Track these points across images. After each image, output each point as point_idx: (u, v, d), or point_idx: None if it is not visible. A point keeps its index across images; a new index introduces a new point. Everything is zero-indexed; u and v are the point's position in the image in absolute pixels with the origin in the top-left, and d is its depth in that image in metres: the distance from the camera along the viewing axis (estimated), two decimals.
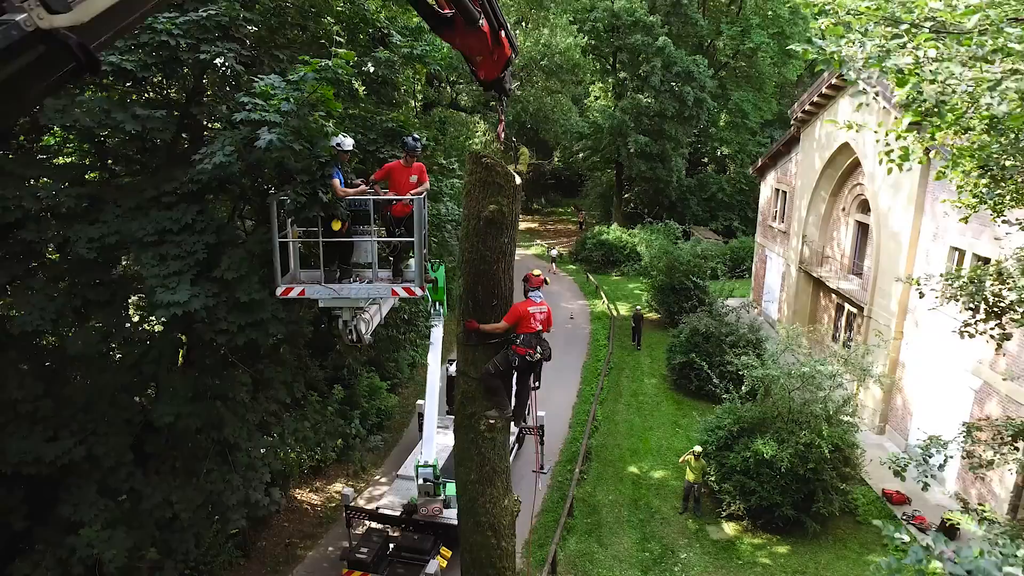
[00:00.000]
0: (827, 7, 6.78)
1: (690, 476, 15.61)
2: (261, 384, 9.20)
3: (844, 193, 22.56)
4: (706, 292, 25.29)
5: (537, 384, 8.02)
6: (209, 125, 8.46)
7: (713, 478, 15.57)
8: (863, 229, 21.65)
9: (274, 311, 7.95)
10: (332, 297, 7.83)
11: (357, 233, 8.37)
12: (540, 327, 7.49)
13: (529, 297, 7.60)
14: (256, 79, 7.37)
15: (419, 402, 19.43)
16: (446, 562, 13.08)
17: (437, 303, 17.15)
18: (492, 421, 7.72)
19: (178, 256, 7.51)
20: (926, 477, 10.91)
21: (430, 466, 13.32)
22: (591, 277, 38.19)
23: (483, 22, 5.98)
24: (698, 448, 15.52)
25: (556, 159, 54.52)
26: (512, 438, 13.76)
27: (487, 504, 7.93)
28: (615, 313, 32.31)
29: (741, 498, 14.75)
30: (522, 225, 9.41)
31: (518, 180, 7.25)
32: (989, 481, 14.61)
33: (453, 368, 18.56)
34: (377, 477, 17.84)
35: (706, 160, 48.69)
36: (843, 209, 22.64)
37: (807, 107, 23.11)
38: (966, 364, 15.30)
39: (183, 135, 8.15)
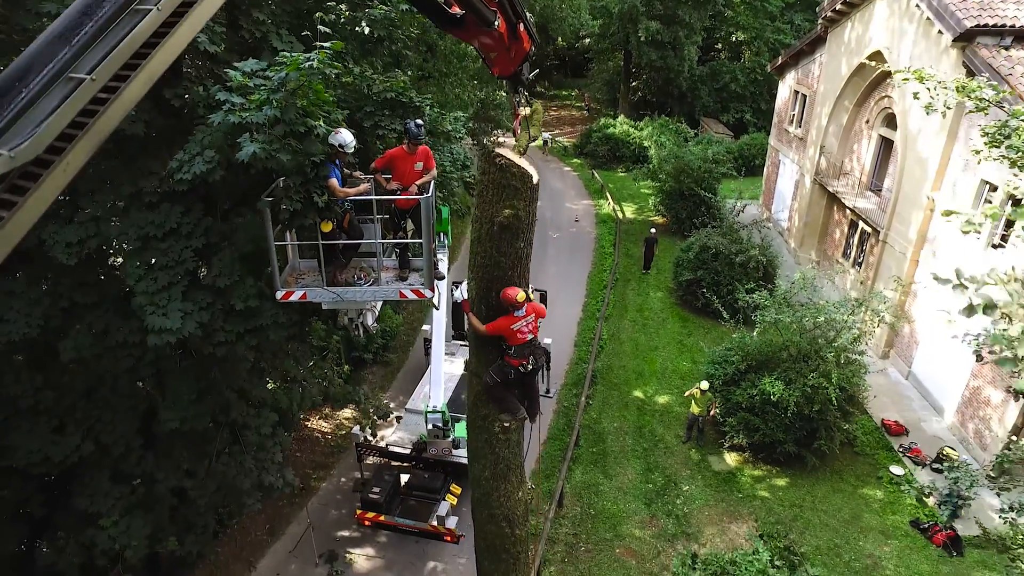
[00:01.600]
0: None
1: (695, 409, 15.81)
2: (265, 356, 8.92)
3: (870, 104, 21.22)
4: (717, 208, 24.48)
5: (547, 389, 7.62)
6: (185, 111, 7.53)
7: (718, 411, 15.78)
8: (886, 145, 20.57)
9: (274, 316, 7.51)
10: (336, 300, 7.36)
11: (361, 223, 7.73)
12: (532, 335, 7.05)
13: (513, 314, 6.99)
14: (229, 68, 6.41)
15: (424, 327, 19.38)
16: (456, 499, 13.50)
17: (442, 234, 16.59)
18: (507, 424, 7.52)
19: (165, 266, 6.93)
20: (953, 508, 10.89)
21: (439, 412, 13.40)
22: (596, 174, 37.05)
23: (499, 22, 5.10)
24: (704, 384, 15.60)
25: (560, 40, 51.15)
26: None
27: (501, 498, 7.92)
28: (621, 216, 31.63)
29: (745, 434, 15.02)
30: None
31: (535, 179, 6.55)
32: (988, 418, 14.82)
33: (458, 293, 18.33)
34: (385, 401, 18.10)
35: (719, 47, 45.69)
36: (867, 121, 21.40)
37: (839, 6, 21.17)
38: (981, 300, 15.00)
39: (156, 120, 7.28)
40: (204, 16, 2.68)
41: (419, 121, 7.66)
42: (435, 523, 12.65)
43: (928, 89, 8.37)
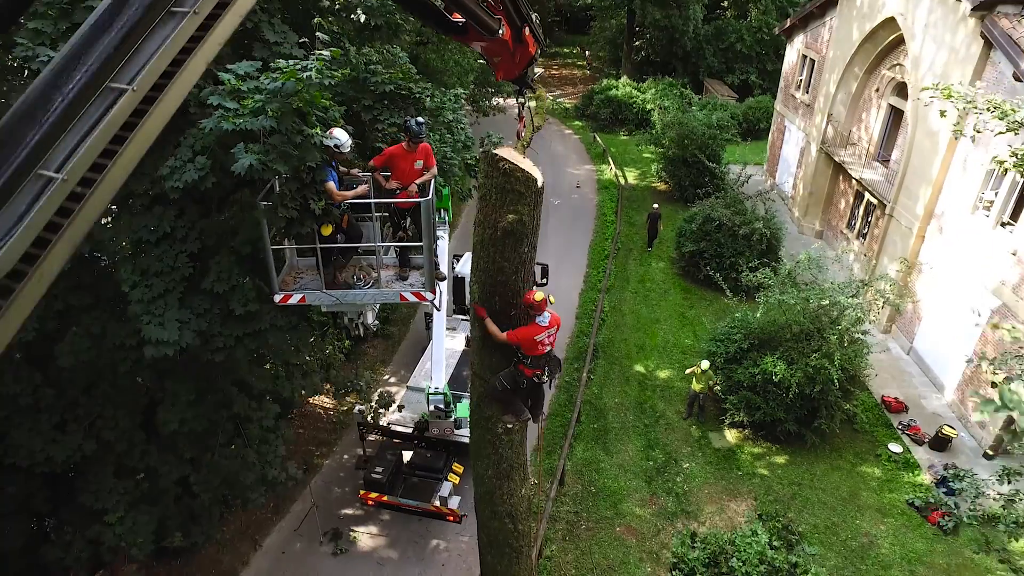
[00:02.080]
0: None
1: (696, 386, 15.84)
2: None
3: (881, 71, 20.67)
4: (721, 178, 24.10)
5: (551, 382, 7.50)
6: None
7: (718, 388, 15.80)
8: (896, 115, 20.12)
9: (273, 319, 7.35)
10: (335, 303, 7.20)
11: (359, 220, 7.51)
12: (550, 347, 6.93)
13: (536, 322, 6.87)
14: (219, 66, 6.09)
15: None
16: (458, 478, 13.59)
17: (442, 210, 16.34)
18: (510, 426, 7.48)
19: (160, 272, 6.72)
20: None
21: (441, 393, 13.39)
22: (598, 137, 36.43)
23: (503, 30, 4.83)
24: (705, 364, 15.58)
25: None
26: None
27: (504, 496, 7.94)
28: (623, 182, 31.22)
29: (746, 412, 15.07)
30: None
31: (540, 182, 6.32)
32: (988, 397, 14.82)
33: (459, 266, 18.16)
34: (387, 377, 18.14)
35: (725, 4, 44.34)
36: (876, 90, 20.89)
37: None
38: (987, 282, 14.90)
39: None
40: (181, 94, 2.45)
41: (420, 119, 7.38)
42: (438, 503, 12.76)
43: (957, 109, 8.04)
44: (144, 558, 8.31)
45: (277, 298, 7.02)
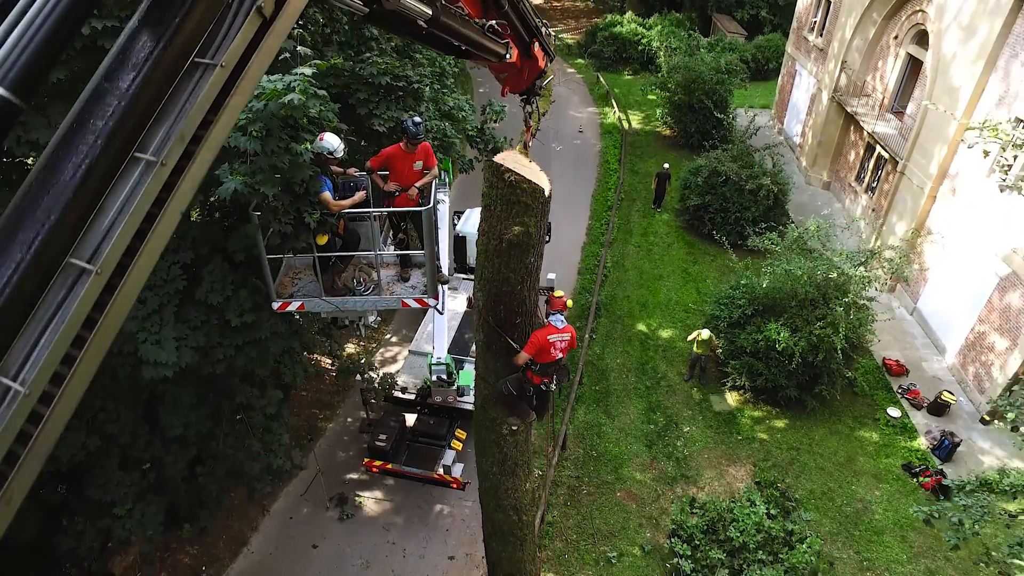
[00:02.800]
0: None
1: (697, 350, 15.82)
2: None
3: (900, 18, 19.69)
4: (729, 128, 23.38)
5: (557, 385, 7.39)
6: None
7: (720, 351, 15.78)
8: (914, 65, 19.30)
9: (272, 327, 7.12)
10: (335, 310, 6.96)
11: (357, 221, 7.18)
12: (561, 355, 6.77)
13: (550, 322, 6.71)
14: None
15: None
16: (461, 444, 13.73)
17: (443, 171, 15.87)
18: (515, 427, 7.42)
19: (153, 286, 6.42)
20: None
21: (443, 364, 13.34)
22: (601, 78, 35.20)
23: (511, 54, 4.45)
24: (705, 332, 15.51)
25: None
26: None
27: (509, 491, 7.98)
28: (627, 126, 30.37)
29: (748, 378, 15.11)
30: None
31: (547, 190, 6.01)
32: (989, 364, 14.88)
33: (460, 224, 17.81)
34: (388, 336, 18.09)
35: None
36: (895, 37, 19.96)
37: None
38: (998, 249, 14.64)
39: None
40: (147, 271, 2.14)
41: (417, 119, 6.93)
42: (441, 471, 12.93)
43: (1003, 148, 7.54)
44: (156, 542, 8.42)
45: (275, 305, 6.80)
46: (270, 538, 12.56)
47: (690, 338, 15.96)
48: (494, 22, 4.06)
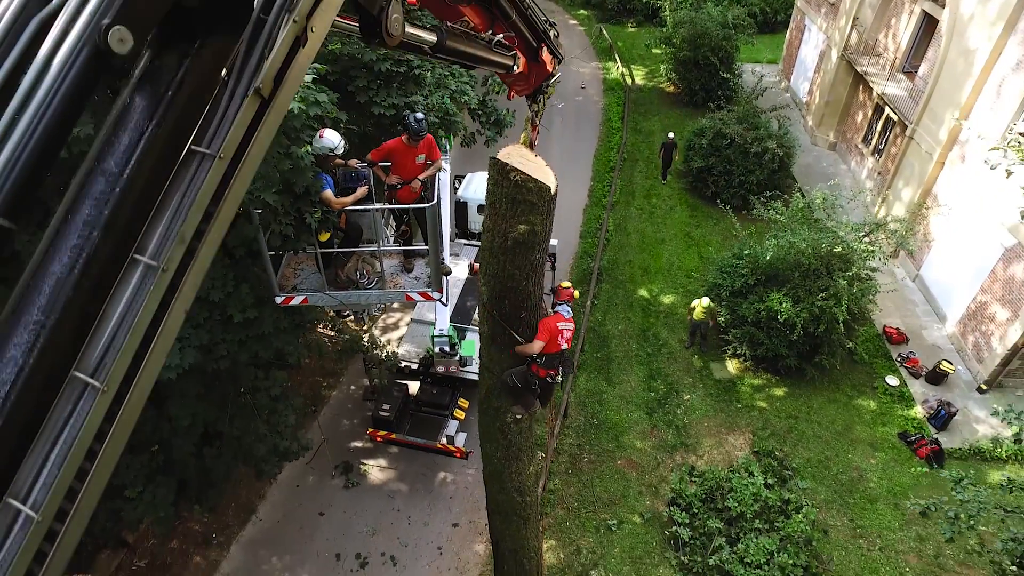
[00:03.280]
0: None
1: (697, 316, 15.84)
2: None
3: None
4: (735, 89, 22.85)
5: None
6: None
7: (722, 319, 15.78)
8: (929, 24, 18.71)
9: (275, 322, 7.03)
10: (339, 304, 6.90)
11: (358, 212, 7.02)
12: (566, 345, 6.79)
13: (558, 311, 6.73)
14: None
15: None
16: (464, 414, 13.87)
17: (444, 140, 15.56)
18: (519, 416, 7.47)
19: None
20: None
21: (446, 336, 13.37)
22: (604, 30, 34.23)
23: (519, 64, 4.28)
24: (706, 300, 15.50)
25: None
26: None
27: (513, 475, 8.09)
28: (630, 82, 29.70)
29: (748, 347, 15.18)
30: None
31: (553, 188, 5.89)
32: (989, 334, 14.94)
33: (461, 189, 17.58)
34: (391, 303, 18.06)
35: None
36: None
37: None
38: (1005, 219, 14.50)
39: None
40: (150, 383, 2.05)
41: (419, 115, 6.71)
42: (444, 442, 13.12)
43: None
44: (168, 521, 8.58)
45: (279, 300, 6.73)
46: (278, 506, 12.83)
47: (691, 306, 15.96)
48: (501, 36, 3.88)
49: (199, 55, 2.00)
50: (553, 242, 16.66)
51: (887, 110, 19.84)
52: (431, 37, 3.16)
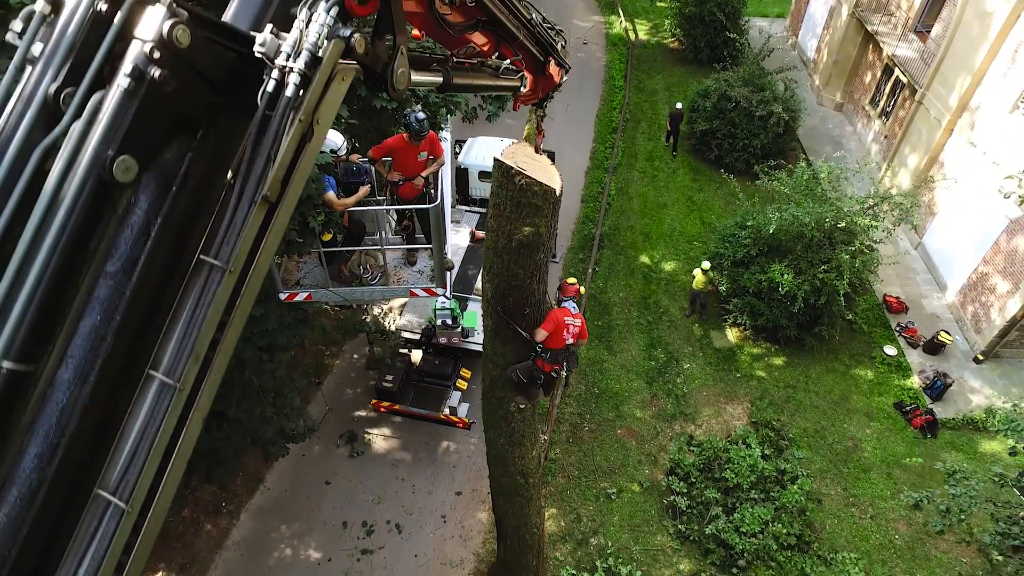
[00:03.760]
0: None
1: (697, 285, 15.87)
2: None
3: None
4: (741, 49, 22.27)
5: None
6: None
7: (723, 288, 15.79)
8: None
9: (279, 318, 6.99)
10: (342, 300, 6.87)
11: (361, 207, 6.91)
12: (571, 340, 6.82)
13: (564, 306, 6.76)
14: None
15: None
16: (466, 384, 14.03)
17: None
18: (522, 407, 7.57)
19: None
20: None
21: (448, 308, 13.41)
22: None
23: (526, 84, 4.17)
24: (706, 264, 15.50)
25: None
26: None
27: (516, 460, 8.24)
28: (633, 37, 28.93)
29: (749, 317, 15.25)
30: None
31: (559, 190, 5.82)
32: (988, 305, 15.00)
33: (462, 156, 17.33)
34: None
35: None
36: None
37: None
38: (1012, 190, 14.34)
39: None
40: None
41: (420, 115, 6.54)
42: (447, 412, 13.31)
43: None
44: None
45: (282, 296, 6.71)
46: (285, 475, 13.10)
47: (693, 274, 15.95)
48: (509, 62, 3.76)
49: (202, 147, 1.96)
50: None
51: (897, 72, 19.41)
52: (437, 78, 3.08)
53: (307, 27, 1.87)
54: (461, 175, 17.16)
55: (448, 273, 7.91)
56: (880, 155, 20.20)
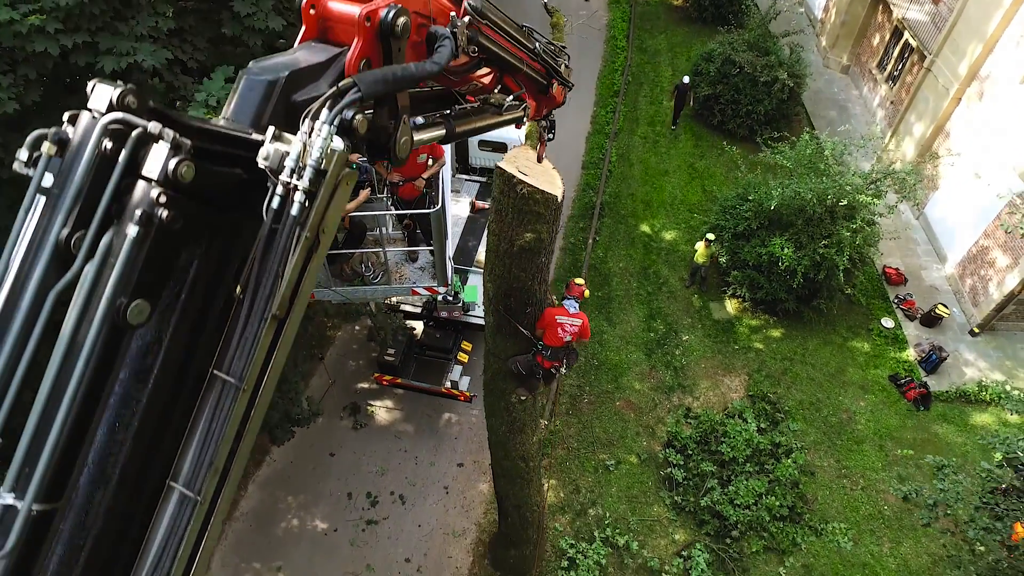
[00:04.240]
0: None
1: (699, 259, 15.88)
2: None
3: None
4: (747, 11, 21.69)
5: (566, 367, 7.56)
6: None
7: (723, 260, 15.80)
8: None
9: None
10: (345, 299, 6.88)
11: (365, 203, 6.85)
12: (570, 338, 6.90)
13: (563, 305, 6.82)
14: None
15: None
16: (467, 356, 14.18)
17: None
18: (523, 398, 7.71)
19: None
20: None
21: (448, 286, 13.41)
22: None
23: (529, 112, 4.13)
24: (711, 236, 15.47)
25: None
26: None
27: (517, 446, 8.44)
28: None
29: (748, 289, 15.31)
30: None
31: (560, 196, 5.81)
32: (987, 278, 15.06)
33: None
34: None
35: None
36: None
37: None
38: (1018, 164, 14.25)
39: None
40: None
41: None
42: (448, 386, 13.49)
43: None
44: None
45: None
46: (290, 448, 13.33)
47: (696, 246, 15.93)
48: (512, 98, 3.71)
49: (208, 253, 1.97)
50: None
51: (906, 35, 18.97)
52: (440, 132, 3.06)
53: (310, 139, 1.86)
54: (461, 144, 16.94)
55: (450, 271, 7.92)
56: (885, 121, 19.93)
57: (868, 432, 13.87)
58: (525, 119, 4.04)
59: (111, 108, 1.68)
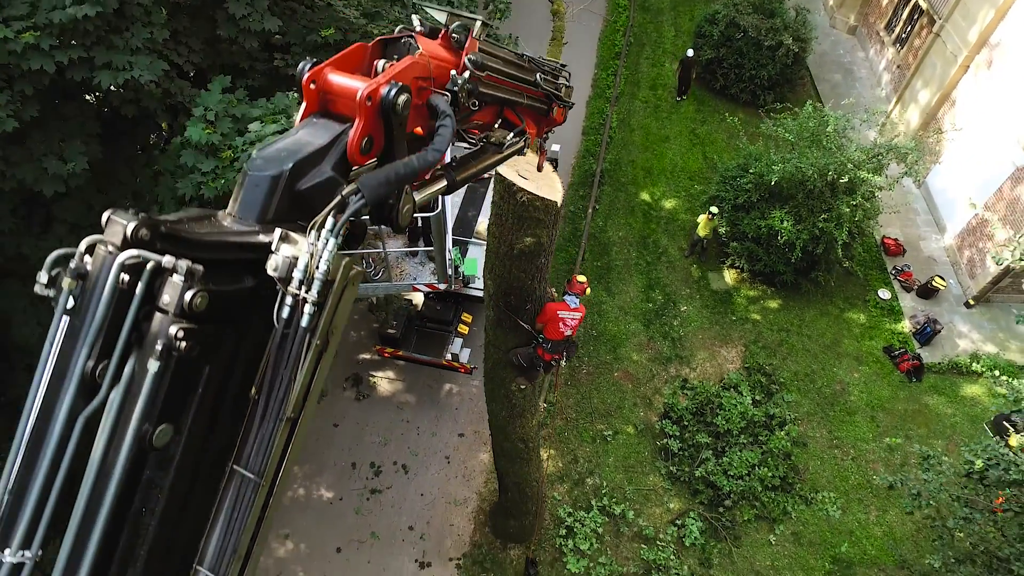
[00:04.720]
0: None
1: (701, 232, 15.90)
2: None
3: None
4: None
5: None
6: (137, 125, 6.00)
7: (723, 231, 15.81)
8: None
9: None
10: None
11: None
12: (570, 332, 7.03)
13: (565, 300, 6.93)
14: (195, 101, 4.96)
15: None
16: (467, 328, 14.35)
17: None
18: (523, 387, 7.87)
19: None
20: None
21: (449, 259, 13.47)
22: None
23: (528, 140, 4.12)
24: (714, 209, 15.44)
25: None
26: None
27: (518, 430, 8.65)
28: None
29: (747, 261, 15.37)
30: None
31: (560, 201, 5.83)
32: (985, 251, 15.11)
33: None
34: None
35: None
36: None
37: None
38: (1022, 136, 14.12)
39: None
40: None
41: None
42: (449, 358, 13.69)
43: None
44: None
45: None
46: None
47: (697, 220, 15.92)
48: (512, 135, 3.70)
49: (221, 355, 2.05)
50: (555, 147, 16.29)
51: None
52: (441, 185, 3.08)
53: (317, 248, 1.91)
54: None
55: (452, 267, 7.96)
56: (891, 86, 19.63)
57: (860, 403, 14.15)
58: (526, 149, 4.04)
59: (125, 243, 1.74)
